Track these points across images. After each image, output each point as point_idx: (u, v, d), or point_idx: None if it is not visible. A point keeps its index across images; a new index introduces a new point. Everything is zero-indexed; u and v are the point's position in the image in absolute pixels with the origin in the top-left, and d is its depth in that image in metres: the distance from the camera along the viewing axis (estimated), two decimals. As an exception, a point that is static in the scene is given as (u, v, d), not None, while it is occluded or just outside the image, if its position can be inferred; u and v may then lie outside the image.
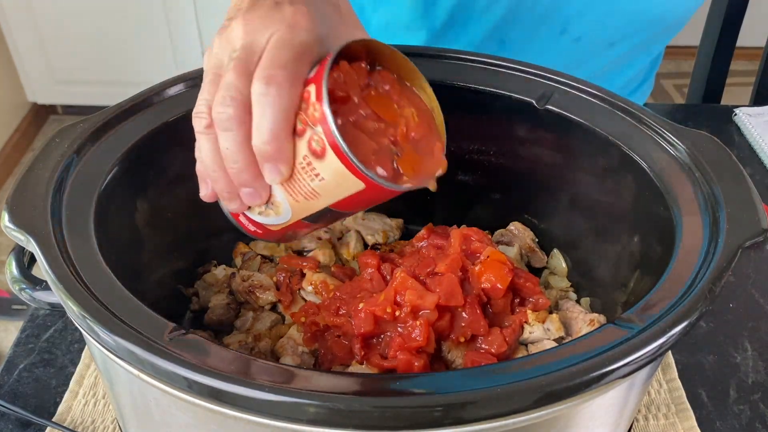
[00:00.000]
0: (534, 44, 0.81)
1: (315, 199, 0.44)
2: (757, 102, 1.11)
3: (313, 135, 0.41)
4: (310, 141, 0.42)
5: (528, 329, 0.55)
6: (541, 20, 0.79)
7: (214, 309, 0.59)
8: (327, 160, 0.42)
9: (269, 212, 0.47)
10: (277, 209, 0.46)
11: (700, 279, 0.42)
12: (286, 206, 0.46)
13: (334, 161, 0.41)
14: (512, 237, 0.64)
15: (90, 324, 0.38)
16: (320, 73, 0.41)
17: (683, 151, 0.51)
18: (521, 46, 0.81)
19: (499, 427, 0.36)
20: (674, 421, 0.59)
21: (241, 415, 0.36)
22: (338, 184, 0.43)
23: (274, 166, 0.42)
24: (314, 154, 0.42)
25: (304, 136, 0.42)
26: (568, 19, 0.79)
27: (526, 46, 0.81)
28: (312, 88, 0.42)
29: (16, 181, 0.47)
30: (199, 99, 0.44)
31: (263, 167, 0.43)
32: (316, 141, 0.41)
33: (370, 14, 0.85)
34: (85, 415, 0.58)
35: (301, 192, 0.44)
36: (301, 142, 0.42)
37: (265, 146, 0.42)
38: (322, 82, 0.41)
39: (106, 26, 2.24)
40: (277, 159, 0.42)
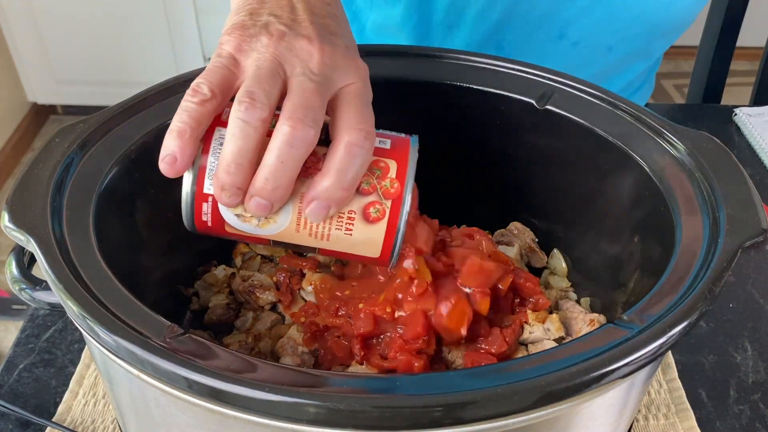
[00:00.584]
0: (531, 48, 0.81)
1: (318, 239, 0.45)
2: (757, 102, 1.11)
3: (376, 203, 0.43)
4: (369, 205, 0.44)
5: (528, 329, 0.55)
6: (539, 24, 0.79)
7: (214, 309, 0.59)
8: (372, 229, 0.44)
9: (251, 221, 0.44)
10: (265, 224, 0.44)
11: (700, 279, 0.42)
12: (278, 228, 0.44)
13: (378, 234, 0.44)
14: (512, 237, 0.64)
15: (90, 324, 0.38)
16: (404, 153, 0.45)
17: (683, 151, 0.51)
18: (519, 50, 0.81)
19: (499, 427, 0.36)
20: (674, 421, 0.59)
21: (241, 415, 0.36)
22: (356, 245, 0.45)
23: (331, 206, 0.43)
24: (365, 218, 0.44)
25: (364, 197, 0.44)
26: (565, 24, 0.79)
27: (523, 50, 0.81)
28: (392, 163, 0.44)
29: (16, 181, 0.47)
30: (253, 85, 0.41)
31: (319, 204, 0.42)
32: (377, 210, 0.44)
33: (365, 17, 0.85)
34: (85, 415, 0.58)
35: (314, 229, 0.44)
36: (357, 198, 0.44)
37: (341, 193, 0.42)
38: (407, 164, 0.44)
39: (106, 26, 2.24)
40: (340, 203, 0.43)
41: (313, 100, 0.41)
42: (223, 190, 0.42)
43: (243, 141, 0.41)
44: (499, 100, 0.59)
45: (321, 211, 0.42)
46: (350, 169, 0.41)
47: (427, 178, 0.64)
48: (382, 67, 0.60)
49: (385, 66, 0.60)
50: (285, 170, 0.41)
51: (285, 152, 0.40)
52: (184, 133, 0.41)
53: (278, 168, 0.40)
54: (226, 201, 0.42)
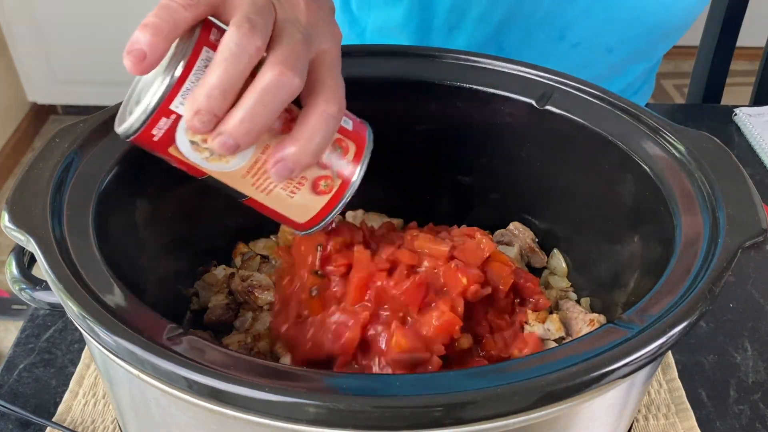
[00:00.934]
0: (532, 49, 0.81)
1: (258, 191, 0.44)
2: (757, 102, 1.11)
3: (328, 177, 0.44)
4: (321, 178, 0.44)
5: (528, 329, 0.55)
6: (539, 26, 0.79)
7: (213, 309, 0.59)
8: (314, 199, 0.45)
9: (203, 152, 0.42)
10: (215, 161, 0.43)
11: (700, 279, 0.42)
12: (226, 168, 0.43)
13: (316, 205, 0.45)
14: (512, 237, 0.64)
15: (90, 324, 0.38)
16: (362, 138, 0.46)
17: (683, 151, 0.51)
18: (519, 52, 0.81)
19: (499, 427, 0.36)
20: (674, 421, 0.59)
21: (241, 415, 0.36)
22: (290, 207, 0.45)
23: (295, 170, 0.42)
24: (313, 188, 0.45)
25: (318, 169, 0.44)
26: (566, 25, 0.79)
27: (524, 51, 0.81)
28: (352, 145, 0.45)
29: (16, 181, 0.47)
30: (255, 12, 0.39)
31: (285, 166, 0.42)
32: (326, 185, 0.45)
33: (364, 20, 0.85)
34: (85, 415, 0.58)
35: (259, 181, 0.44)
36: (313, 169, 0.44)
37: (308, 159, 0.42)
38: (364, 150, 0.46)
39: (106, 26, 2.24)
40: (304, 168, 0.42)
41: (300, 50, 0.41)
42: (197, 114, 0.39)
43: (234, 67, 0.39)
44: (499, 100, 0.59)
45: (285, 173, 0.42)
46: (321, 138, 0.41)
47: (428, 178, 0.65)
48: (382, 67, 0.60)
49: (385, 66, 0.60)
50: (263, 115, 0.39)
51: (269, 97, 0.39)
52: (160, 30, 0.38)
53: (258, 111, 0.39)
54: (195, 125, 0.40)
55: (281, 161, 0.42)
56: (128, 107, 0.44)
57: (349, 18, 0.86)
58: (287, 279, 0.55)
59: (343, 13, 0.85)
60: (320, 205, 0.45)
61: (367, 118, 0.49)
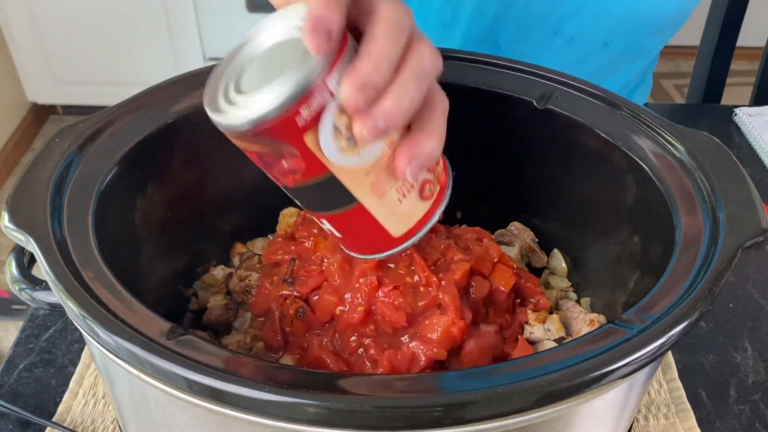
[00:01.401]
0: (528, 45, 0.81)
1: (372, 193, 0.42)
2: (757, 102, 1.11)
3: (432, 182, 0.45)
4: (427, 182, 0.44)
5: (528, 329, 0.55)
6: (534, 21, 0.79)
7: (212, 310, 0.59)
8: (418, 206, 0.45)
9: (341, 141, 0.39)
10: (349, 152, 0.39)
11: (700, 279, 0.42)
12: (355, 162, 0.40)
13: (419, 212, 0.45)
14: (512, 237, 0.64)
15: (90, 324, 0.38)
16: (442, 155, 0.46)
17: (683, 151, 0.51)
18: (515, 48, 0.81)
19: (499, 427, 0.36)
20: (674, 421, 0.59)
21: (241, 415, 0.36)
22: (392, 215, 0.44)
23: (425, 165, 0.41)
24: (420, 192, 0.44)
25: (427, 173, 0.45)
26: (560, 20, 0.79)
27: (520, 47, 0.81)
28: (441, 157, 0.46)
29: (16, 181, 0.47)
30: None
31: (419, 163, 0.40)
32: (431, 190, 0.45)
33: None
34: (85, 415, 0.58)
35: (379, 180, 0.41)
36: (425, 173, 0.44)
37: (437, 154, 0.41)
38: (447, 162, 0.48)
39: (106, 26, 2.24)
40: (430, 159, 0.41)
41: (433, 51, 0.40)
42: (362, 88, 0.36)
43: (398, 37, 0.36)
44: (499, 100, 0.59)
45: (417, 168, 0.40)
46: (443, 135, 0.41)
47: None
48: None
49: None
50: (417, 94, 0.37)
51: (424, 74, 0.37)
52: (338, 1, 0.35)
53: (413, 90, 0.37)
54: (358, 103, 0.36)
55: (416, 156, 0.40)
56: (229, 94, 0.39)
57: None
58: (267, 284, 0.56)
59: None
60: (422, 213, 0.44)
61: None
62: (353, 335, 0.50)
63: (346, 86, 0.36)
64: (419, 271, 0.50)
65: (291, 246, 0.58)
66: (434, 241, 0.52)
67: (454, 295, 0.49)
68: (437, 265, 0.51)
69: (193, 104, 0.55)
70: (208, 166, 0.58)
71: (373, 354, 0.49)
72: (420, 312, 0.49)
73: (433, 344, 0.48)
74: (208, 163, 0.58)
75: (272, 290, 0.55)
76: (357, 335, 0.50)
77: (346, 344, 0.50)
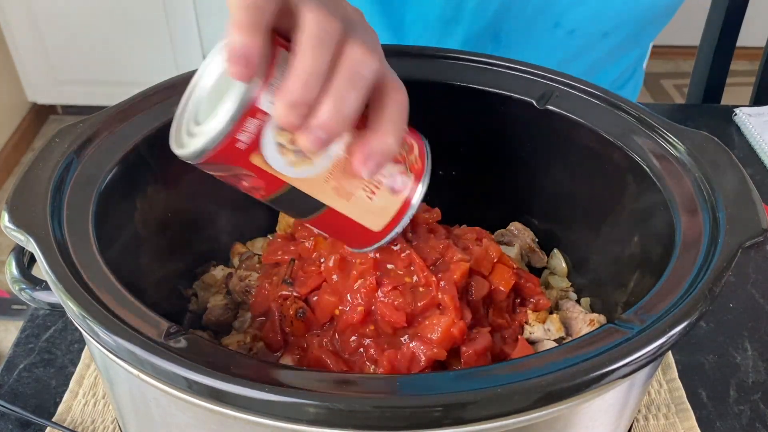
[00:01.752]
0: (528, 38, 0.81)
1: (338, 197, 0.43)
2: (757, 102, 1.11)
3: (403, 173, 0.44)
4: (397, 176, 0.44)
5: (528, 329, 0.55)
6: (535, 13, 0.79)
7: (212, 310, 0.59)
8: (391, 199, 0.44)
9: (289, 155, 0.40)
10: (300, 164, 0.40)
11: (700, 279, 0.42)
12: (309, 172, 0.41)
13: (394, 206, 0.44)
14: (512, 237, 0.64)
15: (90, 324, 0.38)
16: (419, 139, 0.46)
17: (683, 151, 0.51)
18: (516, 41, 0.81)
19: (499, 427, 0.36)
20: (674, 421, 0.59)
21: (241, 415, 0.36)
22: (367, 213, 0.44)
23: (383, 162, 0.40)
24: (390, 188, 0.44)
25: (395, 164, 0.44)
26: (561, 12, 0.79)
27: (520, 40, 0.81)
28: (415, 143, 0.45)
29: (16, 181, 0.47)
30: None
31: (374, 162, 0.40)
32: (402, 182, 0.44)
33: None
34: (85, 415, 0.58)
35: (341, 184, 0.42)
36: (391, 166, 0.44)
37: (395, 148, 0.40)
38: (424, 148, 0.46)
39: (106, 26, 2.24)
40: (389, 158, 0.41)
41: (370, 33, 0.40)
42: (293, 107, 0.37)
43: (324, 50, 0.37)
44: (499, 100, 0.59)
45: (374, 168, 0.40)
46: (401, 126, 0.40)
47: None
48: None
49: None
50: (355, 99, 0.38)
51: (357, 77, 0.37)
52: (257, 26, 0.36)
53: (349, 96, 0.37)
54: (291, 120, 0.37)
55: (370, 155, 0.40)
56: (190, 127, 0.41)
57: None
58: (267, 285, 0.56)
59: None
60: (397, 206, 0.44)
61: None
62: (353, 335, 0.50)
63: (278, 106, 0.37)
64: (418, 272, 0.50)
65: (291, 246, 0.58)
66: (433, 241, 0.52)
67: (453, 296, 0.49)
68: (436, 266, 0.51)
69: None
70: (208, 166, 0.58)
71: (373, 354, 0.49)
72: (420, 312, 0.49)
73: (433, 344, 0.47)
74: (208, 163, 0.58)
75: (272, 290, 0.55)
76: (357, 335, 0.50)
77: (346, 344, 0.50)
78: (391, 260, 0.51)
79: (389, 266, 0.51)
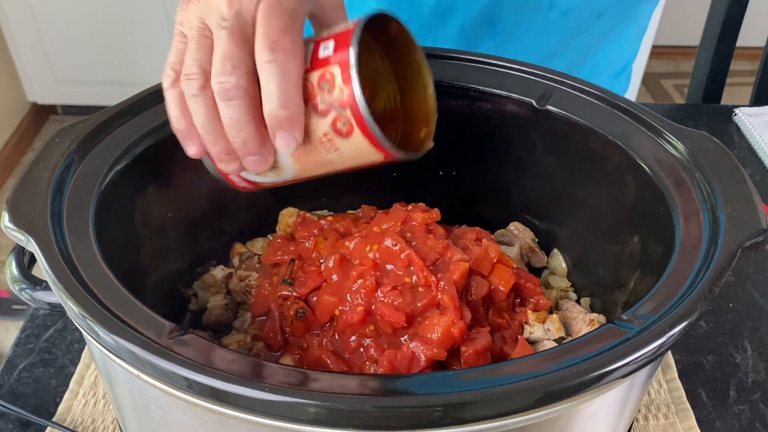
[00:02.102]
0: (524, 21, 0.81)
1: (326, 167, 0.45)
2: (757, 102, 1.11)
3: (339, 116, 0.42)
4: (334, 121, 0.43)
5: (528, 329, 0.55)
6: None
7: (212, 310, 0.59)
8: (352, 139, 0.43)
9: (269, 174, 0.47)
10: (279, 171, 0.46)
11: (700, 279, 0.42)
12: (290, 169, 0.46)
13: (360, 141, 0.43)
14: (512, 237, 0.64)
15: (90, 324, 0.38)
16: (345, 55, 0.42)
17: (683, 151, 0.51)
18: (512, 25, 0.81)
19: (499, 427, 0.36)
20: (674, 421, 0.59)
21: (241, 415, 0.36)
22: (357, 157, 0.44)
23: (288, 133, 0.43)
24: (338, 133, 0.43)
25: (326, 116, 0.43)
26: None
27: (517, 24, 0.81)
28: (336, 69, 0.42)
29: (16, 181, 0.47)
30: (187, 59, 0.43)
31: (277, 134, 0.43)
32: (343, 122, 0.43)
33: (357, 6, 0.84)
34: (85, 415, 0.58)
35: (313, 161, 0.45)
36: (322, 120, 0.43)
37: (280, 112, 0.42)
38: (349, 64, 0.41)
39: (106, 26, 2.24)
40: (292, 125, 0.42)
41: (228, 47, 0.42)
42: (219, 161, 0.45)
43: (202, 113, 0.43)
44: (499, 100, 0.59)
45: (286, 140, 0.43)
46: (274, 89, 0.41)
47: (428, 178, 0.65)
48: (382, 67, 0.60)
49: (385, 66, 0.60)
50: (241, 122, 0.42)
51: (229, 108, 0.42)
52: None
53: (235, 124, 0.42)
54: (228, 169, 0.45)
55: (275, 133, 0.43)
56: None
57: None
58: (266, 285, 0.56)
59: None
60: (363, 141, 0.43)
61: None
62: (353, 335, 0.50)
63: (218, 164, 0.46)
64: (418, 272, 0.50)
65: (291, 246, 0.58)
66: (433, 241, 0.53)
67: (453, 296, 0.49)
68: (436, 266, 0.51)
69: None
70: (208, 166, 0.58)
71: (373, 354, 0.49)
72: (419, 312, 0.49)
73: (433, 344, 0.48)
74: (208, 163, 0.58)
75: (272, 291, 0.55)
76: (357, 335, 0.50)
77: (346, 344, 0.50)
78: (391, 260, 0.51)
79: (389, 266, 0.51)
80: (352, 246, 0.52)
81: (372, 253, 0.51)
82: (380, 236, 0.52)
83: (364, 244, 0.52)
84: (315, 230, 0.58)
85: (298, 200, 0.65)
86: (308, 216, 0.63)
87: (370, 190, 0.65)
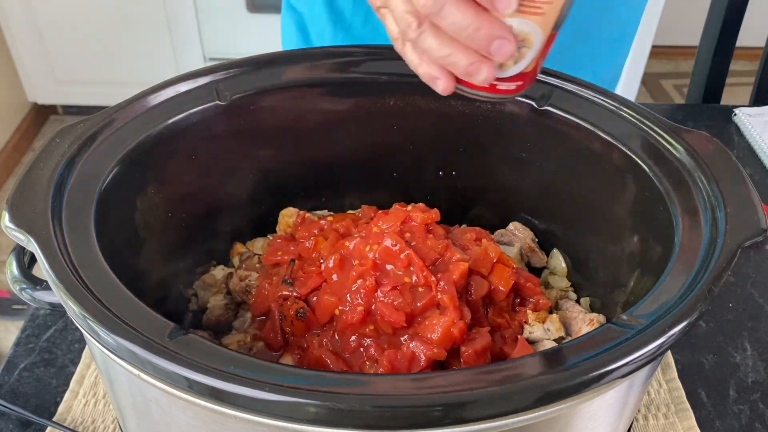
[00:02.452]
0: None
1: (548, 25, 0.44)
2: (757, 102, 1.11)
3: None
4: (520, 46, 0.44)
5: (528, 329, 0.55)
6: None
7: (212, 310, 0.59)
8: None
9: (523, 51, 0.45)
10: (528, 40, 0.45)
11: (699, 279, 0.42)
12: (534, 28, 0.44)
13: None
14: (512, 237, 0.64)
15: (90, 324, 0.38)
16: None
17: (683, 151, 0.51)
18: None
19: (499, 427, 0.36)
20: (674, 421, 0.59)
21: (241, 415, 0.36)
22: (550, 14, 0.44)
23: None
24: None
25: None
26: None
27: None
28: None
29: (16, 181, 0.47)
30: (396, 17, 0.45)
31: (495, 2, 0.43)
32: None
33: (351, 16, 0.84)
34: (85, 414, 0.58)
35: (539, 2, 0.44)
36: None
37: None
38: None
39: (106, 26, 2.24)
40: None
41: None
42: (474, 75, 0.45)
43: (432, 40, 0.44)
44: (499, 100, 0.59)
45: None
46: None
47: (428, 178, 0.65)
48: (382, 67, 0.60)
49: (385, 66, 0.60)
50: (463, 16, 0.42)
51: (445, 16, 0.43)
52: None
53: (460, 22, 0.43)
54: (486, 75, 0.45)
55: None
56: None
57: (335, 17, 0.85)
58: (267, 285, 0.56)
59: (331, 12, 0.85)
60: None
61: (366, 118, 0.49)
62: (353, 335, 0.50)
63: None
64: (418, 272, 0.50)
65: (291, 246, 0.58)
66: (432, 241, 0.53)
67: (453, 295, 0.49)
68: (436, 266, 0.51)
69: (193, 104, 0.55)
70: (207, 167, 0.59)
71: (373, 354, 0.49)
72: (419, 312, 0.49)
73: (433, 344, 0.48)
74: (208, 164, 0.58)
75: (272, 291, 0.55)
76: (357, 335, 0.50)
77: (346, 344, 0.50)
78: (391, 260, 0.51)
79: (389, 266, 0.51)
80: (352, 246, 0.52)
81: (372, 253, 0.51)
82: (380, 236, 0.52)
83: (364, 244, 0.52)
84: (315, 230, 0.58)
85: (299, 200, 0.65)
86: (308, 216, 0.63)
87: (370, 190, 0.65)
